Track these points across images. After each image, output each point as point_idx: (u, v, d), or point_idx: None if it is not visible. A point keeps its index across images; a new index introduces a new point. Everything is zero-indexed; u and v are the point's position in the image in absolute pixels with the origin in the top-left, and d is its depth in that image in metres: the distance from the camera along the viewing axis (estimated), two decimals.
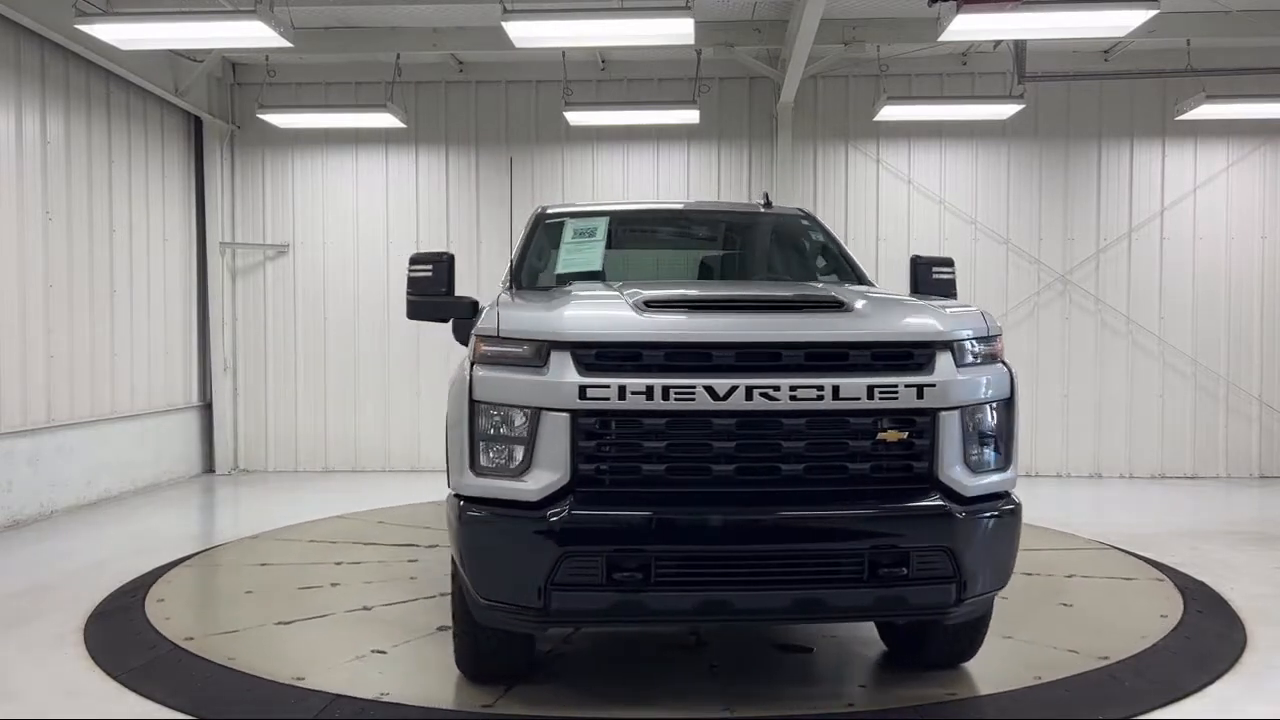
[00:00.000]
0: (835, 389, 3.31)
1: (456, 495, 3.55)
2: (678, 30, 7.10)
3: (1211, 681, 4.09)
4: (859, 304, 3.61)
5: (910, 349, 3.44)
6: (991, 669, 4.16)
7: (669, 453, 3.34)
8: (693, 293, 3.88)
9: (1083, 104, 9.86)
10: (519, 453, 3.37)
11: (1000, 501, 3.54)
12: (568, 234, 4.98)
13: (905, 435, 3.38)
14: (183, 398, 9.87)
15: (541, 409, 3.32)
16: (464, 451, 3.46)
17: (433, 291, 4.59)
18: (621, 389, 3.28)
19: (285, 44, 7.14)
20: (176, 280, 9.76)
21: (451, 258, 4.69)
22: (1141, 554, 6.30)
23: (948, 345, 3.47)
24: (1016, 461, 3.67)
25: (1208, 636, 4.67)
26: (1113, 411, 9.82)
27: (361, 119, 9.63)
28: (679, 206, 6.62)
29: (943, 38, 7.00)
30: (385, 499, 8.33)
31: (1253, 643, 4.57)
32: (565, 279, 4.64)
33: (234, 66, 10.18)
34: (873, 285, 4.88)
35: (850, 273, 5.11)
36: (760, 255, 5.57)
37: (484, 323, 3.54)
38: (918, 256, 5.06)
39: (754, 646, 4.53)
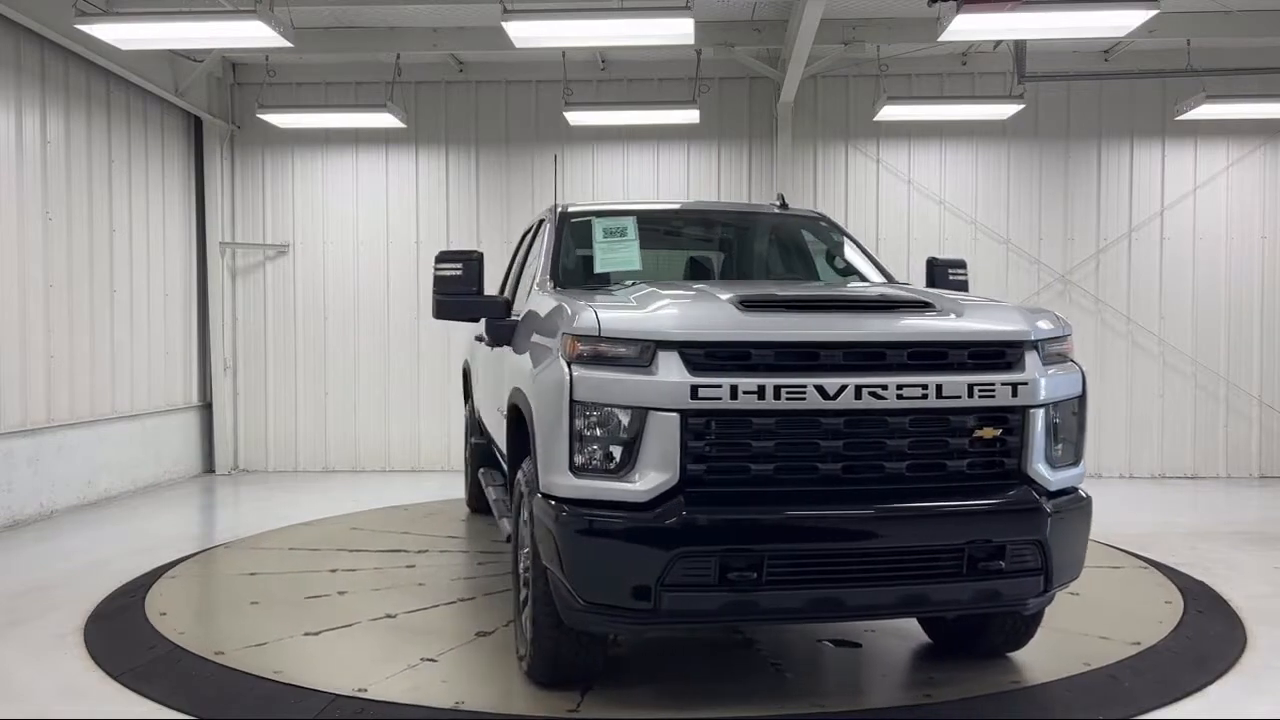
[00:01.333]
0: (939, 387, 3.40)
1: (548, 497, 3.49)
2: (678, 30, 7.10)
3: (1211, 681, 4.09)
4: (944, 304, 3.70)
5: (1003, 348, 3.54)
6: (1035, 657, 4.27)
7: (777, 452, 3.36)
8: (789, 293, 3.90)
9: (1083, 104, 9.86)
10: (623, 453, 3.35)
11: (1076, 495, 3.69)
12: (598, 233, 4.93)
13: (999, 432, 3.49)
14: (183, 398, 9.87)
15: (649, 409, 3.30)
16: (560, 452, 3.41)
17: (463, 290, 4.55)
18: (734, 389, 3.29)
19: (285, 44, 7.14)
20: (176, 280, 9.76)
21: (481, 256, 4.65)
22: (1142, 554, 6.30)
23: (1034, 345, 3.59)
24: (1084, 458, 3.80)
25: (1208, 636, 4.67)
26: (1112, 411, 9.81)
27: (361, 119, 9.63)
28: (702, 207, 6.58)
29: (943, 38, 6.99)
30: (383, 500, 8.33)
31: (1253, 643, 4.57)
32: (604, 278, 4.67)
33: (234, 66, 10.18)
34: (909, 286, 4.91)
35: (881, 274, 5.21)
36: (785, 256, 5.58)
37: (580, 323, 3.47)
38: (934, 258, 5.20)
39: (803, 643, 4.56)
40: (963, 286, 4.96)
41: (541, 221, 5.66)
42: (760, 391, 3.30)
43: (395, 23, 9.04)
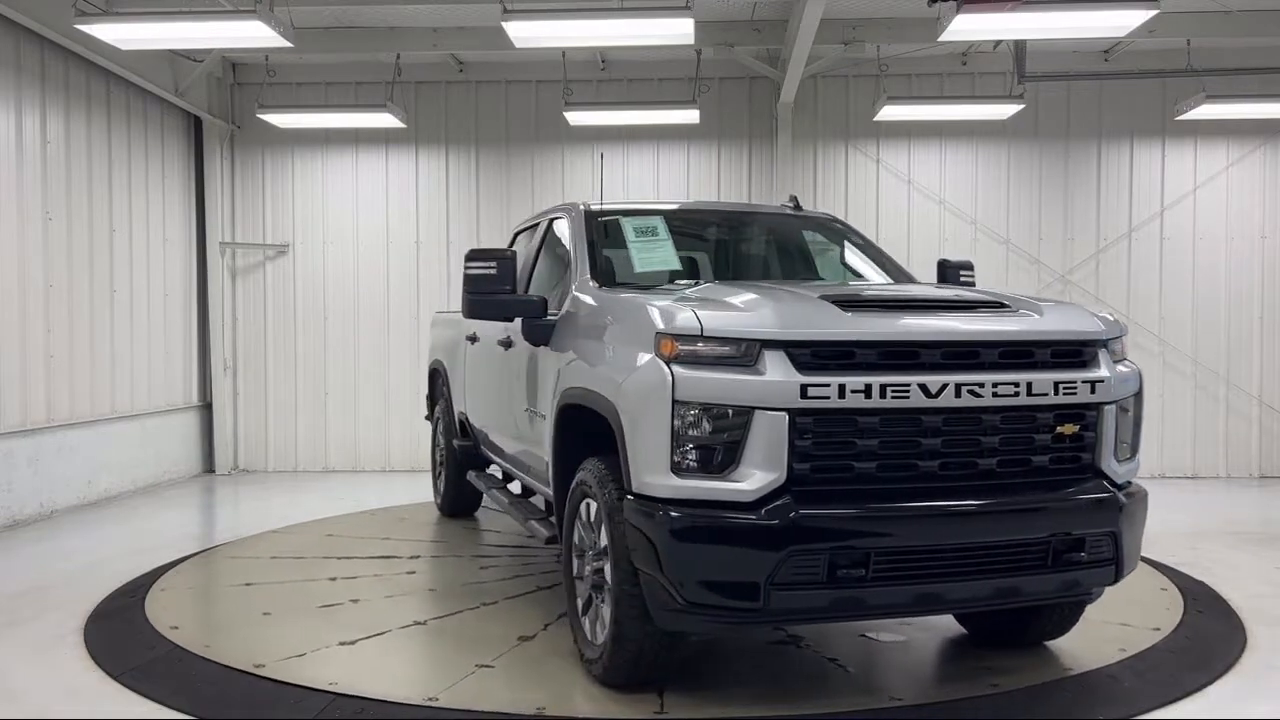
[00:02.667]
0: (1029, 385, 3.52)
1: (643, 497, 3.47)
2: (678, 30, 7.10)
3: (1211, 681, 4.09)
4: (1018, 304, 3.82)
5: (1080, 347, 3.69)
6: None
7: (880, 450, 3.41)
8: (880, 293, 3.97)
9: (1083, 104, 9.86)
10: (726, 452, 3.36)
11: (1137, 488, 3.85)
12: (630, 233, 4.91)
13: (1077, 428, 3.63)
14: (183, 398, 9.87)
15: (755, 408, 3.32)
16: (659, 453, 3.40)
17: (497, 290, 4.50)
18: (841, 388, 3.34)
19: (285, 44, 7.13)
20: (176, 280, 9.76)
21: (514, 254, 4.61)
22: (1142, 554, 6.29)
23: (1105, 343, 3.75)
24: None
25: (1208, 636, 4.67)
26: None
27: (361, 119, 9.63)
28: (721, 207, 6.56)
29: (943, 38, 6.99)
30: (380, 500, 8.33)
31: (1253, 643, 4.57)
32: (645, 277, 4.69)
33: (234, 66, 10.18)
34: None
35: (903, 275, 5.27)
36: (806, 257, 5.58)
37: (680, 322, 3.47)
38: (945, 260, 5.37)
39: (847, 639, 4.59)
40: (971, 287, 5.02)
41: (552, 220, 5.56)
42: (867, 390, 3.36)
43: (395, 23, 9.04)
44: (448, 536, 6.93)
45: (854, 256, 5.52)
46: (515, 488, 6.13)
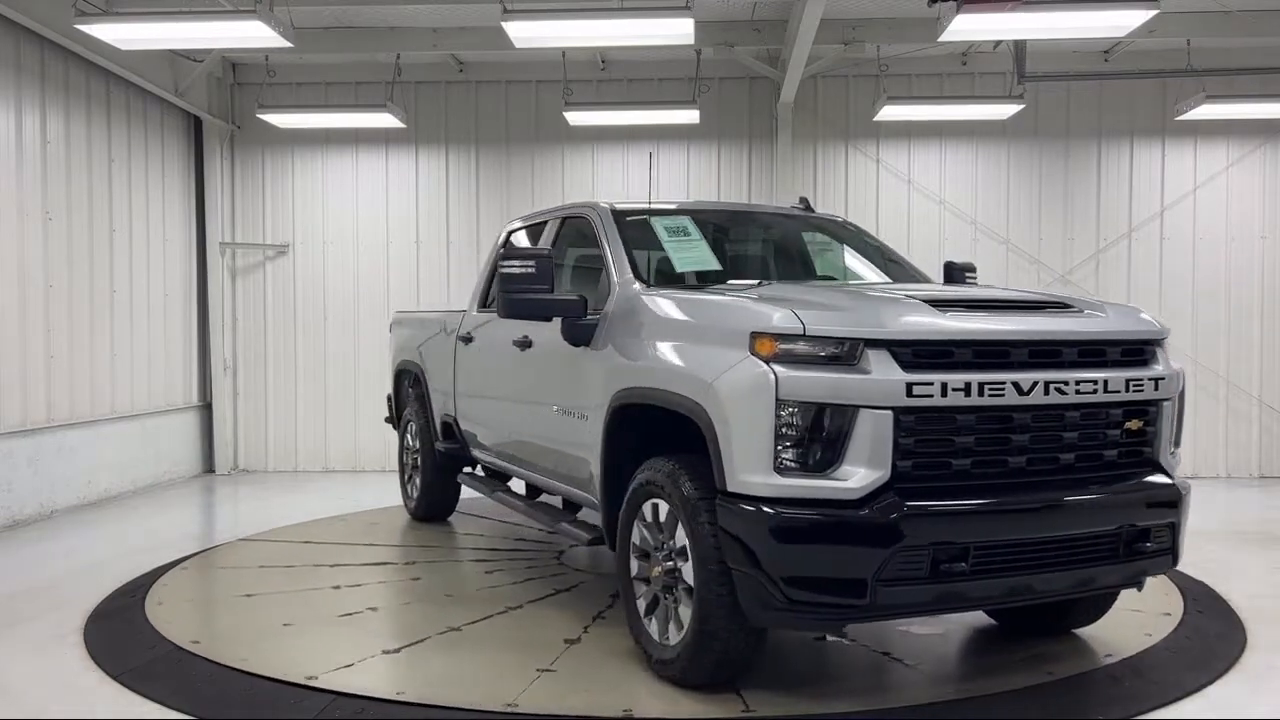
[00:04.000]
0: (1105, 382, 3.69)
1: (744, 497, 3.47)
2: (678, 30, 7.10)
3: (1211, 681, 4.09)
4: (1083, 304, 3.97)
5: (1143, 345, 3.89)
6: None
7: (975, 447, 3.50)
8: (961, 294, 4.05)
9: (1083, 104, 9.86)
10: (830, 451, 3.39)
11: (1183, 481, 4.00)
12: (661, 233, 4.90)
13: (1142, 424, 3.82)
14: (183, 398, 9.87)
15: (860, 406, 3.36)
16: (759, 452, 3.42)
17: (536, 289, 4.48)
18: (944, 386, 3.41)
19: (285, 44, 7.14)
20: (176, 280, 9.76)
21: (552, 253, 4.58)
22: None
23: (1160, 342, 3.97)
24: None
25: (1208, 636, 4.67)
26: None
27: (361, 119, 9.63)
28: (738, 208, 6.54)
29: (943, 38, 6.99)
30: (378, 501, 8.32)
31: (1253, 643, 4.57)
32: (686, 276, 4.74)
33: (234, 66, 10.18)
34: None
35: (920, 276, 5.37)
36: (822, 257, 5.62)
37: (781, 321, 3.48)
38: (951, 262, 5.51)
39: (890, 633, 4.64)
40: None
41: (567, 219, 5.49)
42: (967, 388, 3.44)
43: (395, 23, 9.04)
44: (433, 541, 6.78)
45: (875, 254, 5.60)
46: (517, 488, 6.12)
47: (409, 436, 7.49)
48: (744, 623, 3.61)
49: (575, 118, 9.32)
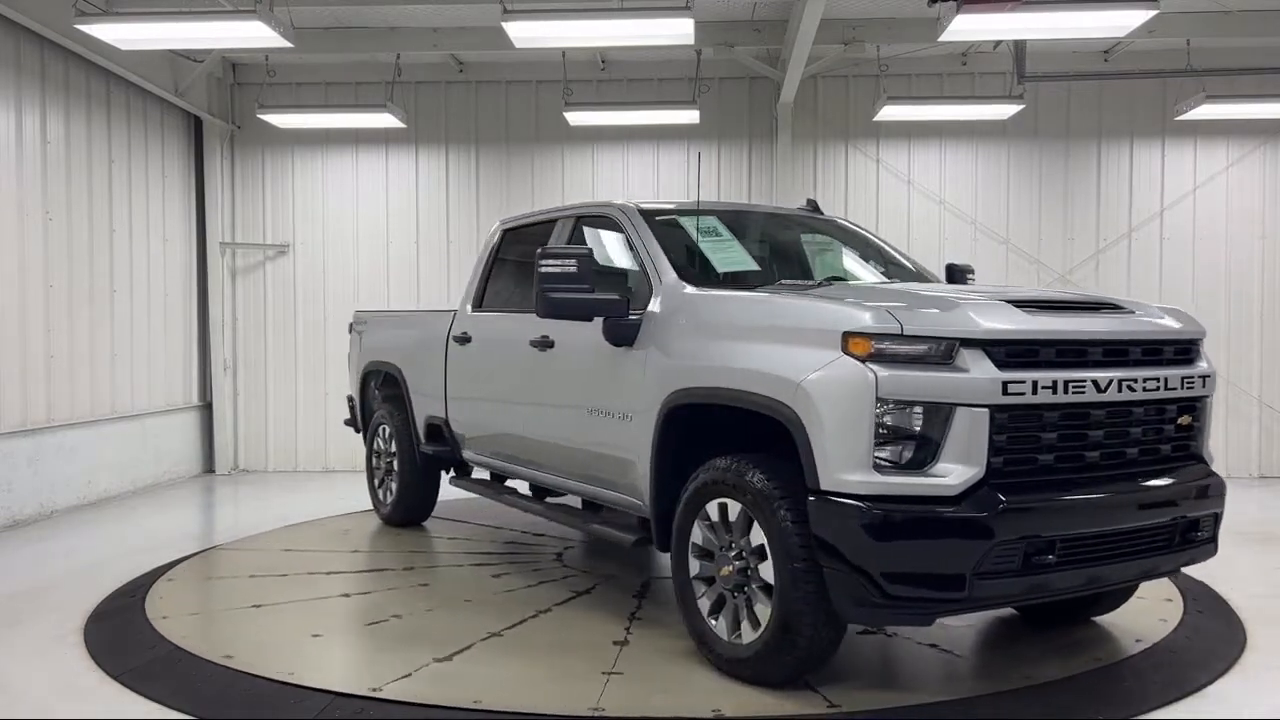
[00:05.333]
0: (1165, 380, 3.87)
1: (840, 495, 3.49)
2: (678, 30, 7.10)
3: (1211, 681, 4.09)
4: (1133, 306, 4.11)
5: (1189, 345, 4.08)
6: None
7: (1058, 442, 3.63)
8: (1031, 295, 4.10)
9: (1083, 104, 9.86)
10: (926, 449, 3.46)
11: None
12: (694, 233, 4.90)
13: (1190, 419, 4.02)
14: (183, 398, 9.87)
15: (957, 405, 3.44)
16: (858, 450, 3.46)
17: (578, 288, 4.46)
18: (1034, 384, 3.53)
19: (285, 44, 7.14)
20: (176, 280, 9.76)
21: (591, 251, 4.56)
22: None
23: (1202, 341, 4.17)
24: None
25: (1208, 636, 4.67)
26: None
27: (361, 119, 9.63)
28: (752, 209, 6.55)
29: (943, 38, 6.99)
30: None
31: (1253, 643, 4.57)
32: (729, 276, 4.77)
33: (234, 66, 10.18)
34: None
35: (932, 277, 5.48)
36: (835, 258, 5.65)
37: (877, 321, 3.52)
38: (953, 264, 5.64)
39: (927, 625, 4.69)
40: None
41: (584, 218, 5.42)
42: (1054, 386, 3.57)
43: (395, 23, 9.04)
44: (420, 546, 6.62)
45: (882, 255, 5.66)
46: (519, 488, 6.10)
47: (380, 440, 7.24)
48: (828, 620, 3.66)
49: (575, 118, 9.32)
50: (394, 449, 7.00)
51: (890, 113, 9.20)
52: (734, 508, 3.93)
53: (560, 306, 4.50)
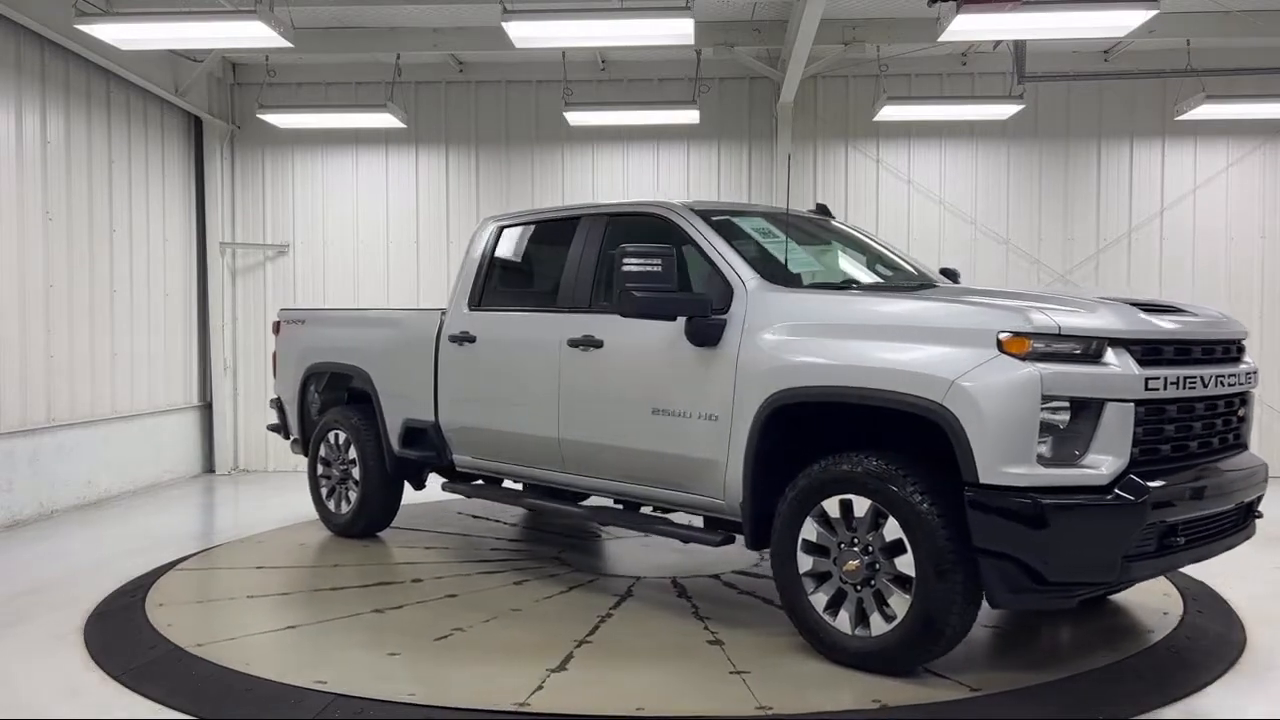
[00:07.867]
0: (1239, 375, 4.27)
1: (1005, 488, 3.64)
2: (678, 30, 7.10)
3: (1211, 681, 4.09)
4: (1194, 308, 4.41)
5: (1241, 343, 4.47)
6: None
7: (1175, 433, 3.94)
8: (1134, 298, 4.42)
9: (1083, 104, 9.86)
10: (1079, 441, 3.71)
11: None
12: (753, 234, 4.97)
13: (1246, 410, 4.45)
14: (183, 398, 9.87)
15: (1108, 400, 3.71)
16: (1022, 445, 3.64)
17: (664, 287, 4.45)
18: (1165, 379, 3.85)
19: (285, 44, 7.13)
20: (176, 280, 9.76)
21: (673, 250, 4.54)
22: None
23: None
24: None
25: (1208, 636, 4.67)
26: None
27: (361, 119, 9.63)
28: (798, 215, 6.57)
29: (943, 38, 6.99)
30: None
31: (1253, 643, 4.58)
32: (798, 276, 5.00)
33: (234, 66, 10.18)
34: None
35: (934, 278, 5.64)
36: (861, 258, 5.75)
37: (1039, 322, 3.74)
38: (945, 269, 5.85)
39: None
40: None
41: (612, 218, 5.31)
42: (1180, 382, 3.91)
43: (395, 23, 9.04)
44: (407, 557, 6.25)
45: (886, 256, 5.76)
46: (515, 488, 6.09)
47: (329, 447, 6.82)
48: (970, 608, 3.86)
49: (575, 118, 9.32)
50: (352, 455, 6.60)
51: (890, 113, 9.20)
52: (860, 504, 3.99)
53: (646, 305, 4.49)
